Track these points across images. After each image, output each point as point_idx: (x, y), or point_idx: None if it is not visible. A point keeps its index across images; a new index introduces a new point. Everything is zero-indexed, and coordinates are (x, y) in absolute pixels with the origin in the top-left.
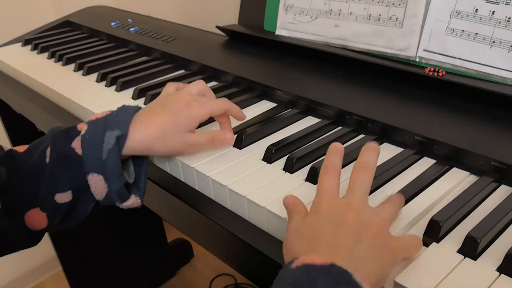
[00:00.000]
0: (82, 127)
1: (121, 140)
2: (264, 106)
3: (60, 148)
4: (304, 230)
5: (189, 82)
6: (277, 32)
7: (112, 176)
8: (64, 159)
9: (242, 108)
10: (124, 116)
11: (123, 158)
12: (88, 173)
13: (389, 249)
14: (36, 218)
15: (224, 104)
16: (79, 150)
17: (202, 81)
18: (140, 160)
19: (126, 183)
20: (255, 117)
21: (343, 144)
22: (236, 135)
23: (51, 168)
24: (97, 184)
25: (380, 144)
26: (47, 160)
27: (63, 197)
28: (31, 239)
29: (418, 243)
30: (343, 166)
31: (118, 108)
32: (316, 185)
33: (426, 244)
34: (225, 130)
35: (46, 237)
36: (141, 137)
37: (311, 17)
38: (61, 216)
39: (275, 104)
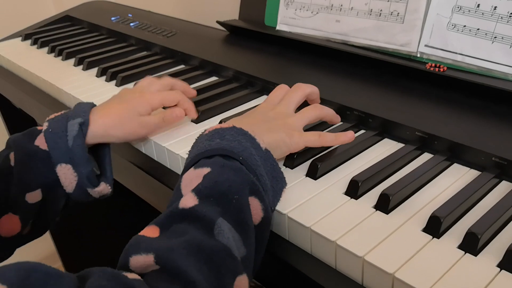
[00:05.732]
0: (43, 127)
1: (84, 127)
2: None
3: (24, 149)
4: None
5: (189, 77)
6: (277, 27)
7: (80, 162)
8: (29, 158)
9: (242, 104)
10: (82, 107)
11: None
12: (57, 165)
13: (290, 137)
14: (9, 222)
15: (175, 96)
16: (43, 146)
17: (168, 77)
18: (102, 152)
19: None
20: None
21: None
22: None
23: (18, 169)
24: (66, 175)
25: (381, 140)
26: (12, 163)
27: (33, 197)
28: (4, 249)
29: (317, 139)
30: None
31: (74, 105)
32: (315, 180)
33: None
34: (173, 108)
35: (46, 233)
36: (100, 122)
37: (312, 12)
38: (33, 218)
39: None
